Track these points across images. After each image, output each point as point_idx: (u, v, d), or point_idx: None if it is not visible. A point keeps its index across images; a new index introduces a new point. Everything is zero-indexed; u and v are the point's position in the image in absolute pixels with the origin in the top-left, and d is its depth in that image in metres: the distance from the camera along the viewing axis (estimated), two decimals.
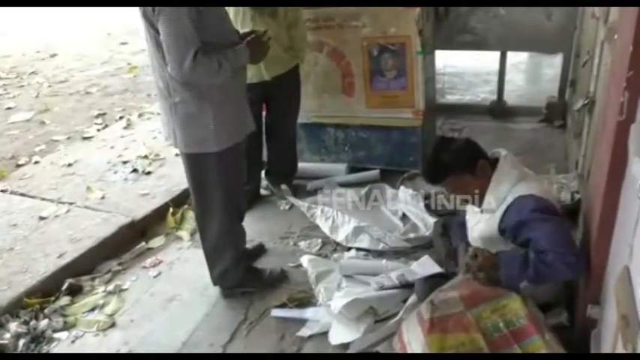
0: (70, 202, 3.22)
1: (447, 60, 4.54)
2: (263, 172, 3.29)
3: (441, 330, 1.56)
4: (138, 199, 3.25)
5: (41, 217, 3.06)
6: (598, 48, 2.29)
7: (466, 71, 5.03)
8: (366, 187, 3.12)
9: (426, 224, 2.70)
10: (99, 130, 4.51)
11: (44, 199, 3.29)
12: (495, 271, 1.69)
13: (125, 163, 3.76)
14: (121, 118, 4.76)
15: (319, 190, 3.23)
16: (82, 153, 4.01)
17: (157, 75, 2.02)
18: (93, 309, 2.43)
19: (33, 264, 2.63)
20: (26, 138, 4.43)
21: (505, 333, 1.55)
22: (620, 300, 1.15)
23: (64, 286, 2.52)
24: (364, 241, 2.65)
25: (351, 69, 3.17)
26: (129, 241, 2.89)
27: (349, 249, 2.67)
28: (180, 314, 2.37)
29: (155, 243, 2.91)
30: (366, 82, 3.17)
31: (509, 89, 4.25)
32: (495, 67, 4.11)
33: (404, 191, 3.01)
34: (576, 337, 1.73)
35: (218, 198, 2.18)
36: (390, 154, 3.33)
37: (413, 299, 2.09)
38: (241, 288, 2.42)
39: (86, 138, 4.34)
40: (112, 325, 2.33)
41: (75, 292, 2.53)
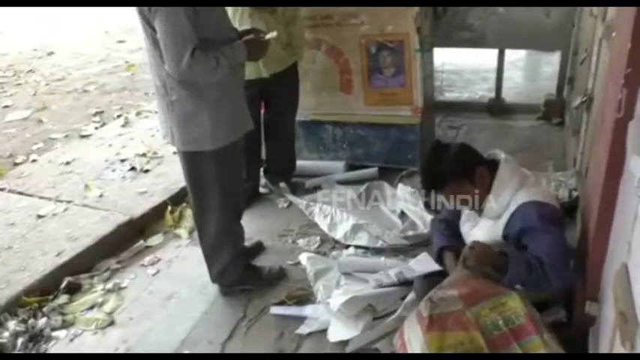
0: (68, 201, 3.22)
1: (445, 57, 4.53)
2: (262, 170, 3.29)
3: (440, 328, 1.56)
4: (136, 197, 3.25)
5: (39, 216, 3.06)
6: (596, 45, 2.29)
7: (464, 69, 5.02)
8: (365, 185, 3.13)
9: (425, 222, 2.71)
10: (97, 129, 4.49)
11: (42, 197, 3.28)
12: (492, 267, 1.70)
13: (123, 161, 3.75)
14: (119, 116, 4.74)
15: (318, 188, 3.23)
16: (80, 151, 4.00)
17: (154, 73, 2.02)
18: (91, 307, 2.43)
19: (31, 262, 2.63)
20: (23, 136, 4.42)
21: (505, 331, 1.55)
22: (618, 297, 1.15)
23: (62, 285, 2.52)
24: (363, 239, 2.66)
25: (350, 66, 3.17)
26: (127, 240, 2.89)
27: (348, 247, 2.67)
28: (179, 312, 2.37)
29: (153, 241, 2.91)
30: (365, 80, 3.17)
31: (507, 87, 4.25)
32: (493, 64, 4.11)
33: (402, 189, 3.02)
34: (574, 334, 1.73)
35: (216, 196, 2.17)
36: (389, 151, 3.33)
37: (411, 297, 2.10)
38: (240, 286, 2.42)
39: (84, 136, 4.32)
40: (111, 324, 2.33)
41: (73, 290, 2.53)
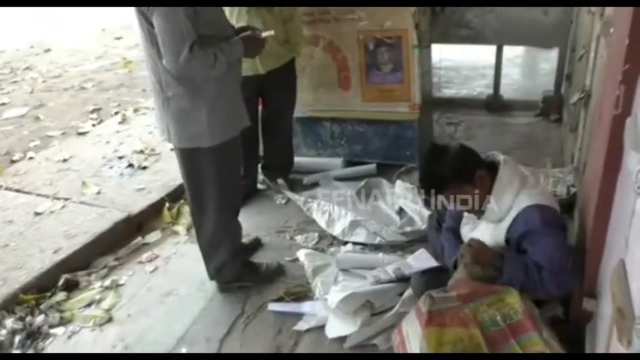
0: (66, 198, 3.21)
1: (443, 54, 4.52)
2: (259, 167, 3.28)
3: (439, 324, 1.56)
4: (134, 194, 3.24)
5: (36, 213, 3.05)
6: (594, 42, 2.29)
7: (462, 65, 5.02)
8: (363, 181, 3.13)
9: (423, 218, 2.71)
10: (94, 126, 4.48)
11: (39, 194, 3.28)
12: (490, 267, 1.70)
13: (121, 158, 3.75)
14: (117, 113, 4.73)
15: (316, 185, 3.23)
16: (77, 148, 3.99)
17: (150, 69, 2.01)
18: (89, 304, 2.43)
19: (28, 260, 2.62)
20: (21, 134, 4.41)
21: (503, 327, 1.56)
22: (616, 293, 1.15)
23: (59, 282, 2.51)
24: (361, 235, 2.66)
25: (347, 63, 3.16)
26: (125, 237, 2.89)
27: (346, 243, 2.67)
28: (177, 309, 2.37)
29: (151, 238, 2.91)
30: (362, 76, 3.17)
31: (505, 83, 4.25)
32: (492, 61, 4.10)
33: (400, 185, 3.02)
34: (572, 330, 1.74)
35: (213, 193, 2.17)
36: (387, 148, 3.33)
37: (409, 293, 2.10)
38: (238, 282, 2.42)
39: (81, 133, 4.32)
40: (109, 321, 2.33)
41: (71, 287, 2.53)
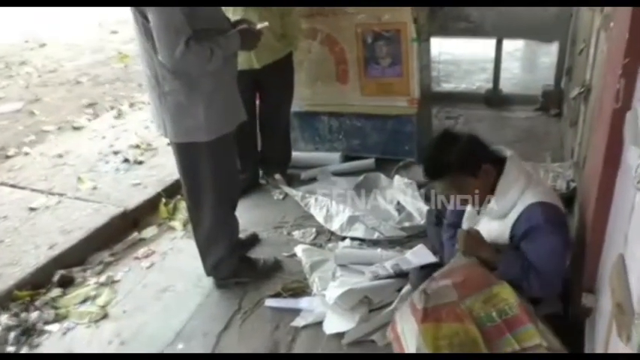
0: (61, 193, 3.20)
1: (442, 48, 4.50)
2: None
3: (435, 319, 1.56)
4: (130, 189, 3.23)
5: (31, 209, 3.04)
6: (594, 36, 2.28)
7: (462, 59, 5.00)
8: (361, 176, 3.12)
9: (421, 213, 2.70)
10: (89, 120, 4.47)
11: (34, 190, 3.26)
12: (482, 254, 1.75)
13: (116, 153, 3.73)
14: (112, 107, 4.72)
15: (313, 180, 3.23)
16: (73, 143, 3.98)
17: (145, 64, 2.00)
18: (84, 300, 2.42)
19: (23, 256, 2.61)
20: (15, 129, 4.38)
21: (499, 323, 1.56)
22: (615, 288, 1.15)
23: (55, 278, 2.51)
24: (359, 231, 2.66)
25: (345, 56, 3.15)
26: (121, 232, 2.88)
27: (344, 238, 2.67)
28: (174, 305, 2.37)
29: (147, 233, 2.90)
30: (361, 70, 3.15)
31: (505, 77, 4.24)
32: (491, 55, 4.09)
33: (399, 180, 3.01)
34: (571, 326, 1.74)
35: (210, 188, 2.16)
36: (385, 142, 3.32)
37: (407, 288, 2.10)
38: (235, 278, 2.41)
39: (77, 128, 4.30)
40: (104, 317, 2.33)
41: (66, 283, 2.52)
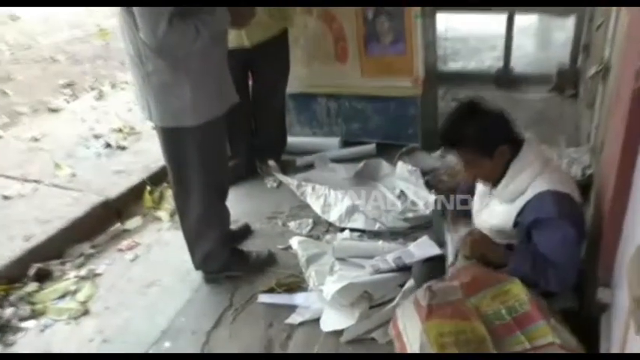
0: (37, 180, 3.20)
1: (449, 23, 4.48)
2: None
3: (440, 316, 1.57)
4: (112, 176, 3.23)
5: (5, 197, 3.04)
6: (614, 9, 2.26)
7: (470, 36, 4.98)
8: (361, 163, 3.12)
9: (426, 202, 2.70)
10: (67, 102, 4.46)
11: (8, 177, 3.26)
12: (491, 255, 1.77)
13: (97, 137, 3.73)
14: (92, 88, 4.71)
15: (310, 167, 3.22)
16: (50, 126, 3.97)
17: (127, 41, 1.97)
18: (63, 296, 2.43)
19: None
20: None
21: (508, 321, 1.57)
22: (633, 282, 1.15)
23: (31, 272, 2.51)
24: (359, 221, 2.66)
25: (344, 33, 3.12)
26: (103, 223, 2.88)
27: (342, 230, 2.67)
28: (160, 301, 2.37)
29: (131, 224, 2.91)
30: (361, 48, 3.13)
31: (516, 56, 4.22)
32: (502, 31, 4.07)
33: (402, 167, 3.01)
34: (585, 322, 1.74)
35: (197, 176, 2.15)
36: (387, 126, 3.31)
37: (410, 283, 2.11)
38: (226, 272, 2.42)
39: (53, 110, 4.29)
40: (85, 313, 2.34)
41: (43, 277, 2.52)
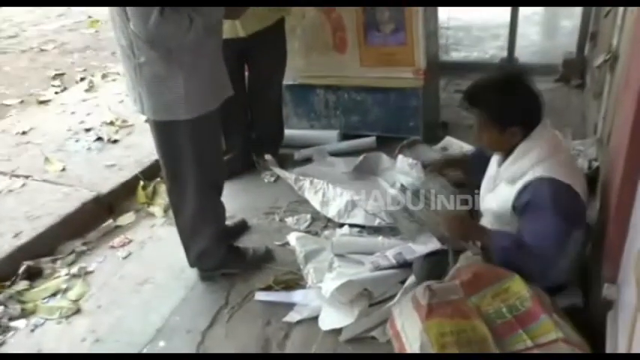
0: (26, 175, 3.20)
1: (451, 12, 4.48)
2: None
3: (441, 315, 1.58)
4: (103, 171, 3.23)
5: None
6: None
7: (473, 25, 4.99)
8: (361, 156, 3.11)
9: None
10: (57, 93, 4.46)
11: None
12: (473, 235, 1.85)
13: (88, 130, 3.72)
14: (82, 79, 4.71)
15: (308, 160, 3.22)
16: (38, 119, 3.96)
17: (118, 31, 1.96)
18: (54, 294, 2.43)
19: None
20: None
21: (509, 319, 1.58)
22: None
23: (21, 270, 2.51)
24: (358, 217, 2.66)
25: (343, 22, 3.11)
26: (94, 219, 2.88)
27: (342, 225, 2.67)
28: (154, 299, 2.38)
29: (124, 220, 2.91)
30: (360, 38, 3.12)
31: (521, 45, 4.22)
32: (506, 19, 4.07)
33: (403, 160, 2.99)
34: (591, 320, 1.75)
35: (192, 171, 2.15)
36: (388, 118, 3.31)
37: (411, 280, 2.11)
38: (222, 269, 2.42)
39: (42, 102, 4.29)
40: (77, 312, 2.34)
41: (33, 275, 2.53)
